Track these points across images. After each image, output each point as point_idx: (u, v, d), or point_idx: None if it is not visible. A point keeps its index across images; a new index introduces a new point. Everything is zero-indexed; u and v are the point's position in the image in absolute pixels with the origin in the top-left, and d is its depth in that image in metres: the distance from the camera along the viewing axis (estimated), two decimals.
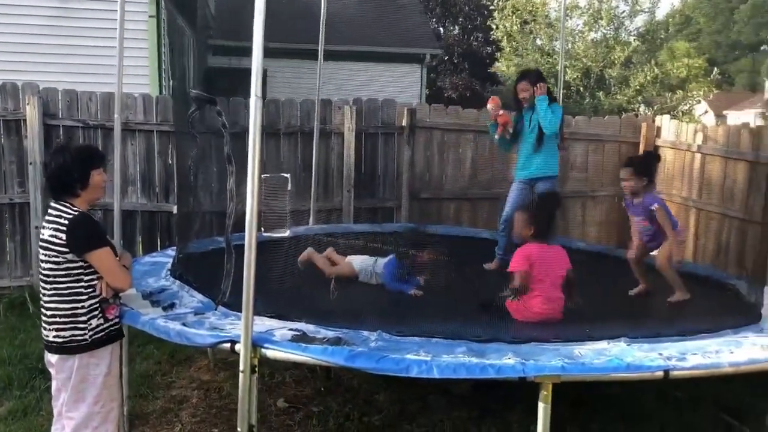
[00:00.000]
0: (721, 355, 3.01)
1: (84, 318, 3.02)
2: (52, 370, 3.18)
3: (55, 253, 2.96)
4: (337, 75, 13.12)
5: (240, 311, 2.86)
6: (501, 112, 5.31)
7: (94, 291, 3.05)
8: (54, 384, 3.21)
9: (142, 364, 4.88)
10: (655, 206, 4.46)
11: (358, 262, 4.68)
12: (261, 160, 2.76)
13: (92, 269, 3.03)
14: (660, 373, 2.83)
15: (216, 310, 3.41)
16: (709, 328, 3.45)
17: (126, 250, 3.46)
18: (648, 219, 4.51)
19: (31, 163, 6.21)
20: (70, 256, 2.96)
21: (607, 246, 6.64)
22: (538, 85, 5.13)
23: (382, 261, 4.59)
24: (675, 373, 2.84)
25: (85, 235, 2.99)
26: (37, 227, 6.18)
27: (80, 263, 2.99)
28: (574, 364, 2.80)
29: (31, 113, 6.16)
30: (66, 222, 2.95)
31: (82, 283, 3.01)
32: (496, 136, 5.38)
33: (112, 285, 3.09)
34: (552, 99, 5.25)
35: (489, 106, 5.35)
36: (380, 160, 7.18)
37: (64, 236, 2.93)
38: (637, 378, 2.86)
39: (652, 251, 4.63)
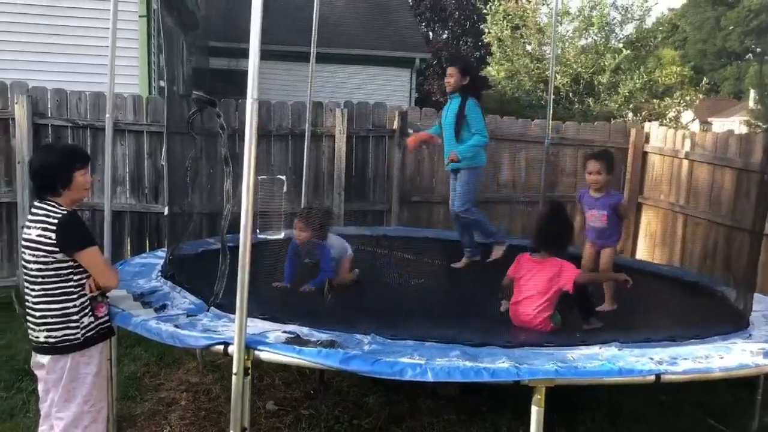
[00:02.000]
0: (712, 360, 3.03)
1: (76, 317, 3.01)
2: (39, 372, 3.15)
3: (44, 253, 2.93)
4: (328, 78, 13.12)
5: (232, 313, 2.86)
6: (412, 140, 5.59)
7: (83, 289, 3.03)
8: (41, 385, 3.18)
9: (130, 366, 4.85)
10: (623, 201, 4.47)
11: None
12: (257, 161, 2.75)
13: (81, 268, 3.01)
14: (651, 377, 2.85)
15: (208, 311, 3.39)
16: (699, 333, 3.47)
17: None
18: (609, 214, 4.47)
19: (19, 162, 6.15)
20: (59, 256, 2.94)
21: None
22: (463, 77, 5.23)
23: None
24: (666, 377, 2.86)
25: (75, 234, 2.98)
26: (23, 227, 6.12)
27: (69, 263, 2.97)
28: (568, 367, 2.82)
29: (20, 112, 6.10)
30: (55, 221, 2.93)
31: (72, 283, 3.00)
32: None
33: (101, 283, 3.10)
34: (477, 92, 5.34)
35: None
36: (371, 163, 7.18)
37: (53, 236, 2.91)
38: (629, 382, 2.88)
39: (601, 248, 4.53)
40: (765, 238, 5.30)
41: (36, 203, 3.05)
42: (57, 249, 2.93)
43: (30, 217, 3.03)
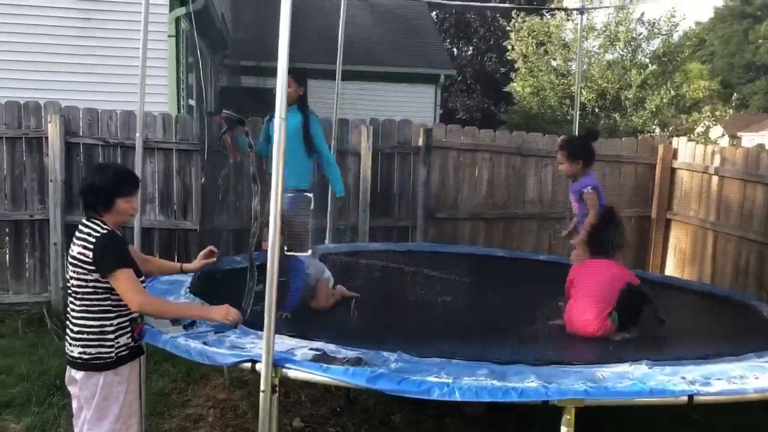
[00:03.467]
0: (746, 381, 2.96)
1: (112, 336, 3.03)
2: (73, 388, 3.17)
3: (84, 271, 2.97)
4: (353, 95, 13.20)
5: (260, 330, 2.87)
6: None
7: (123, 309, 3.06)
8: (75, 402, 3.20)
9: (158, 382, 4.87)
10: (588, 189, 4.45)
11: None
12: (284, 179, 2.77)
13: None
14: (684, 398, 2.79)
15: (236, 328, 3.41)
16: (732, 351, 3.41)
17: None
18: (579, 200, 4.50)
19: (51, 181, 6.26)
20: (97, 275, 2.98)
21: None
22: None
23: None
24: (699, 398, 2.80)
25: (108, 256, 2.96)
26: (55, 244, 6.24)
27: (106, 282, 3.00)
28: (598, 388, 2.77)
29: (53, 131, 6.23)
30: (93, 241, 2.96)
31: (110, 302, 3.02)
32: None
33: (130, 306, 3.07)
34: (304, 104, 5.03)
35: None
36: (396, 180, 7.20)
37: (91, 254, 2.95)
38: (660, 403, 2.83)
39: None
40: None
41: (83, 221, 3.08)
42: (94, 268, 2.97)
43: (76, 233, 3.06)
